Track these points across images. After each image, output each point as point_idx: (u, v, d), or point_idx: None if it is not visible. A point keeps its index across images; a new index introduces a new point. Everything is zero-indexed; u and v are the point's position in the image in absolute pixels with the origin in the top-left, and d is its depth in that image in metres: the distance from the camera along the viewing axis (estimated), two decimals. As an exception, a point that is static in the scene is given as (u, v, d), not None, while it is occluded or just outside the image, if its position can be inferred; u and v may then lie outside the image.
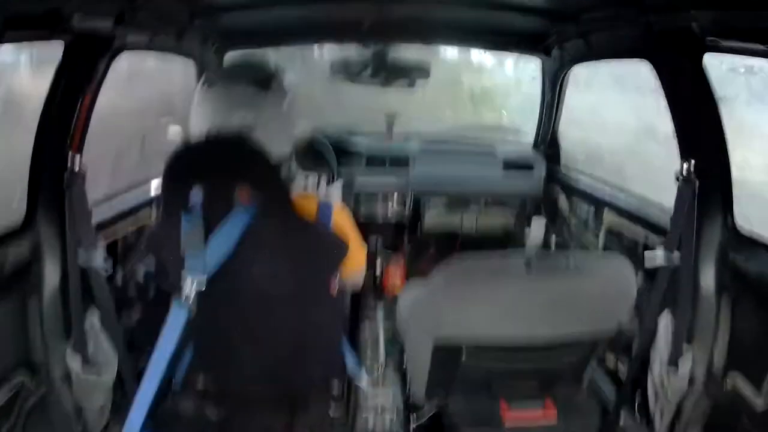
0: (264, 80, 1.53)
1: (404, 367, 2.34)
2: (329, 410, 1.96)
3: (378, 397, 2.25)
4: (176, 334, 1.42)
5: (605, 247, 2.52)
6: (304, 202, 1.56)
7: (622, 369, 2.20)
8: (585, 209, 2.81)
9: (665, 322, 1.88)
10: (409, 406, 2.20)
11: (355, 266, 1.74)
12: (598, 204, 2.66)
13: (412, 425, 2.07)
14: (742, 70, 3.74)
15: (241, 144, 1.43)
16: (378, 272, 3.51)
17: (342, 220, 1.65)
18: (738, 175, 1.76)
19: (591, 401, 1.90)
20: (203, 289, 1.44)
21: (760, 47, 1.43)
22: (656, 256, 1.78)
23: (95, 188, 1.89)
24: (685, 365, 1.82)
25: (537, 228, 3.40)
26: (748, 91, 3.84)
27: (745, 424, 1.62)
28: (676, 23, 1.64)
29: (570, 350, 1.79)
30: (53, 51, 1.68)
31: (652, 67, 1.92)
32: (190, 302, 1.43)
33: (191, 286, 1.43)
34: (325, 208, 1.60)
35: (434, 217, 3.69)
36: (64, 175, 1.62)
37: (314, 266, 1.60)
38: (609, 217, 2.48)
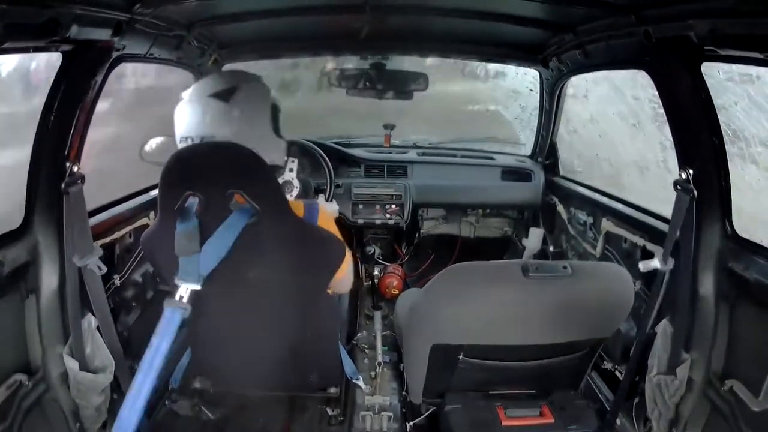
0: (224, 93, 1.55)
1: (401, 368, 2.33)
2: (327, 411, 1.95)
3: (375, 397, 2.24)
4: (170, 334, 1.42)
5: (603, 255, 2.53)
6: (292, 205, 1.57)
7: (620, 374, 2.19)
8: (583, 218, 2.82)
9: (663, 328, 1.88)
10: (406, 407, 2.19)
11: (342, 268, 1.74)
12: (596, 212, 2.66)
13: (409, 426, 2.06)
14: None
15: (236, 150, 1.44)
16: (376, 276, 3.52)
17: (327, 221, 1.66)
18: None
19: (588, 406, 1.89)
20: (197, 290, 1.45)
21: (758, 55, 1.43)
22: (655, 264, 1.78)
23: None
24: (683, 370, 1.82)
25: (535, 237, 3.42)
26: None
27: (743, 429, 1.61)
28: (674, 32, 1.64)
29: (567, 355, 1.80)
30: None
31: (649, 76, 1.93)
32: (183, 303, 1.43)
33: (185, 289, 1.44)
34: (310, 209, 1.62)
35: (432, 225, 3.71)
36: (62, 180, 1.62)
37: (312, 268, 1.61)
38: (607, 225, 2.48)
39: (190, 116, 1.55)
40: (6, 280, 1.61)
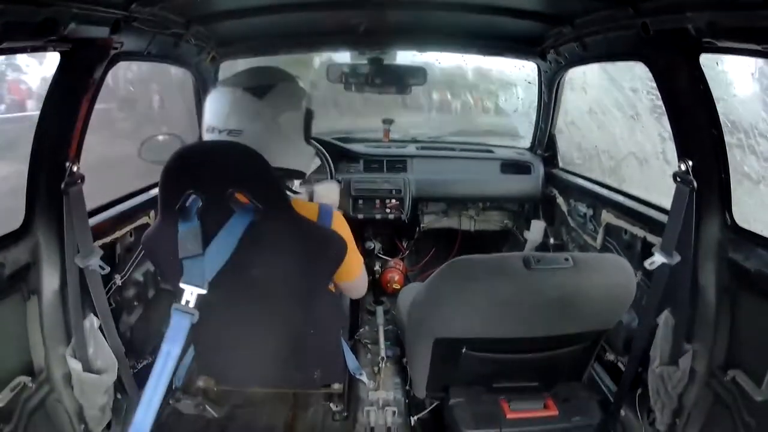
0: (259, 88, 1.55)
1: (404, 362, 2.34)
2: (330, 407, 1.96)
3: (379, 392, 2.25)
4: (180, 340, 1.43)
5: (604, 247, 2.53)
6: (305, 207, 1.57)
7: (622, 365, 2.20)
8: (583, 210, 2.82)
9: (665, 319, 1.88)
10: (410, 402, 2.20)
11: (352, 271, 1.75)
12: (597, 204, 2.66)
13: (413, 420, 2.07)
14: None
15: (236, 149, 1.44)
16: (377, 271, 3.52)
17: (341, 224, 1.66)
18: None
19: (591, 397, 1.90)
20: (203, 293, 1.45)
21: (756, 47, 1.43)
22: (660, 259, 1.78)
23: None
24: (686, 361, 1.82)
25: (536, 229, 3.42)
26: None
27: (746, 419, 1.62)
28: (672, 24, 1.64)
29: (570, 347, 1.80)
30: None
31: (648, 68, 1.93)
32: (191, 309, 1.43)
33: (191, 293, 1.44)
34: (325, 211, 1.62)
35: (432, 219, 3.71)
36: (62, 180, 1.62)
37: (314, 265, 1.61)
38: (607, 217, 2.48)
39: (220, 107, 1.55)
40: (7, 282, 1.61)
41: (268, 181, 1.46)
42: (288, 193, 1.61)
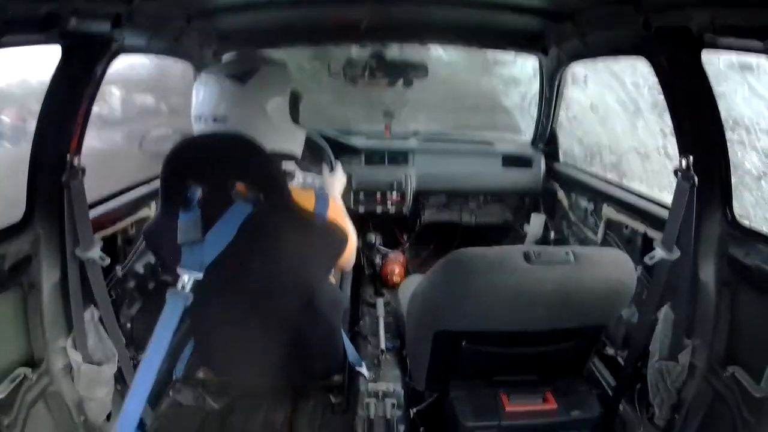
0: (242, 74, 1.55)
1: (404, 355, 2.34)
2: (330, 399, 1.97)
3: (378, 385, 2.25)
4: (173, 323, 1.43)
5: (604, 242, 2.53)
6: (302, 194, 1.57)
7: (622, 360, 2.21)
8: (584, 204, 2.82)
9: (665, 314, 1.89)
10: (409, 394, 2.21)
11: (348, 252, 1.75)
12: (597, 199, 2.67)
13: (413, 413, 2.08)
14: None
15: (238, 140, 1.44)
16: (378, 263, 3.52)
17: (337, 210, 1.66)
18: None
19: (590, 392, 1.90)
20: (200, 280, 1.46)
21: (758, 44, 1.43)
22: (660, 254, 1.79)
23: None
24: (685, 356, 1.83)
25: (536, 223, 3.42)
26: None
27: (745, 415, 1.63)
28: (674, 21, 1.64)
29: (569, 341, 1.80)
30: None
31: (649, 64, 1.93)
32: (185, 292, 1.44)
33: (187, 279, 1.45)
34: (321, 200, 1.62)
35: (433, 212, 3.70)
36: (63, 173, 1.63)
37: (315, 258, 1.62)
38: (608, 211, 2.49)
39: (204, 95, 1.55)
40: (8, 274, 1.62)
41: (270, 173, 1.47)
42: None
